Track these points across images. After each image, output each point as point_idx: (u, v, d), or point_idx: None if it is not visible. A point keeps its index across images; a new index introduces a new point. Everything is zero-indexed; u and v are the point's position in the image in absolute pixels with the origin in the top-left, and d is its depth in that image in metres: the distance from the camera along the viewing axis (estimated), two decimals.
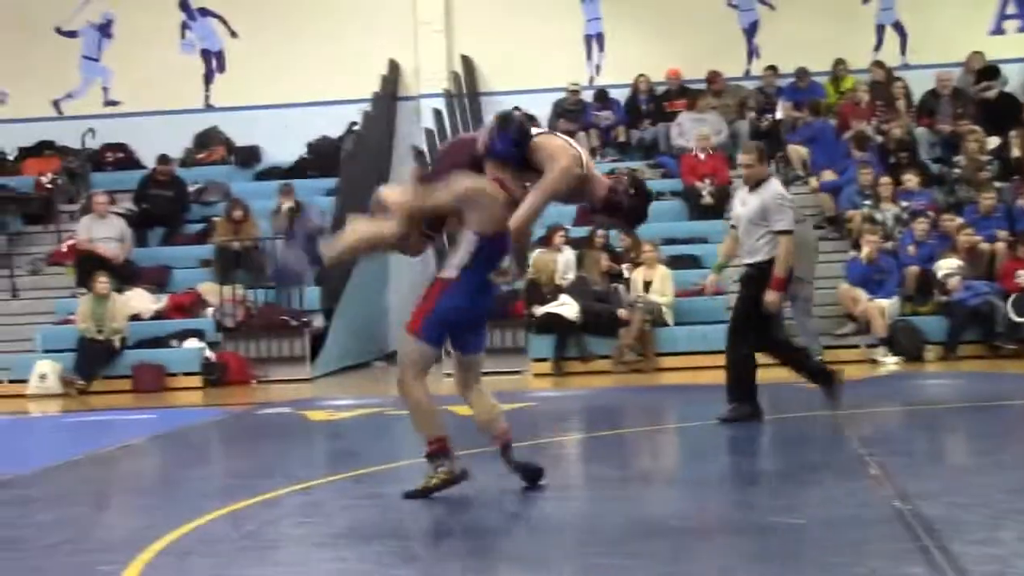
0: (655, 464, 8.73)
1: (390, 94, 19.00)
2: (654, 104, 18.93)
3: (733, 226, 9.83)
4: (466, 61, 19.30)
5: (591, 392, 13.17)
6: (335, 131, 19.08)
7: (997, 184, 16.17)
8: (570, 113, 18.93)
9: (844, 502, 6.32)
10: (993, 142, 16.95)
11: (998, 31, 18.67)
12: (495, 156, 6.81)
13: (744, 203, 9.57)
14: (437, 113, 17.97)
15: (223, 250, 16.54)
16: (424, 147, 17.39)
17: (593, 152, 18.84)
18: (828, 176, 17.01)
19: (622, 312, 14.84)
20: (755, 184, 9.54)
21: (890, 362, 14.21)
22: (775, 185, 9.66)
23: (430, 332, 6.68)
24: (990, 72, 17.97)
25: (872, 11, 18.93)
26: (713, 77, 18.59)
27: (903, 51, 18.82)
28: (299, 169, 18.91)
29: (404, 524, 6.10)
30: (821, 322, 15.00)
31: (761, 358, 9.51)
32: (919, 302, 14.92)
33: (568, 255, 15.75)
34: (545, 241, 15.99)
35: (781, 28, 18.90)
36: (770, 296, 9.23)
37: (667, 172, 18.14)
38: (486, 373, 15.19)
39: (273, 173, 18.88)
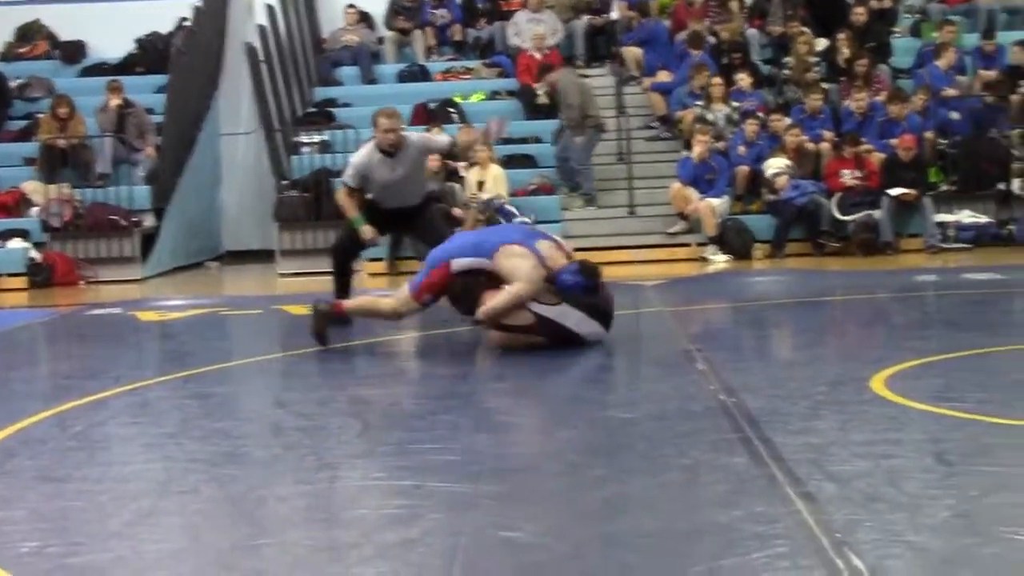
0: (488, 361, 8.79)
1: None
2: (491, 3, 18.83)
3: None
4: None
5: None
6: (165, 27, 18.58)
7: (825, 85, 16.48)
8: (407, 11, 18.74)
9: (672, 396, 6.47)
10: (822, 44, 17.25)
11: None
12: (559, 285, 7.82)
13: (393, 170, 9.32)
14: (270, 9, 17.60)
15: (48, 148, 16.05)
16: (257, 44, 17.05)
17: (429, 51, 18.72)
18: (662, 77, 17.16)
19: (456, 211, 14.85)
20: (398, 150, 9.32)
21: (720, 260, 14.49)
22: (415, 138, 9.70)
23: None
24: None
25: None
26: None
27: None
28: (127, 66, 18.40)
29: (234, 424, 6.07)
30: (653, 221, 15.23)
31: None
32: (748, 201, 15.22)
33: None
34: None
35: None
36: None
37: (503, 71, 18.12)
38: (319, 273, 15.13)
39: (100, 69, 18.35)
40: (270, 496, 4.68)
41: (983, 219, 15.01)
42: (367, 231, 9.40)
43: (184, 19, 18.31)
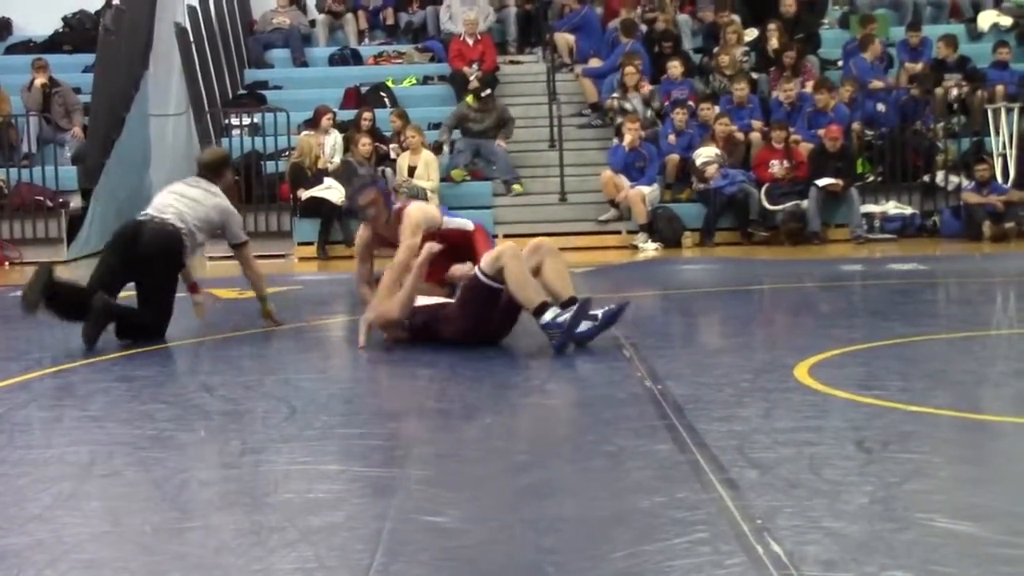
0: (416, 346, 8.79)
1: None
2: None
3: None
4: None
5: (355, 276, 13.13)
6: (93, 5, 18.38)
7: (754, 75, 16.60)
8: None
9: (597, 383, 6.52)
10: (751, 33, 17.38)
11: None
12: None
13: None
14: None
15: None
16: (187, 24, 16.91)
17: (361, 34, 18.65)
18: (594, 64, 17.21)
19: None
20: None
21: (650, 248, 14.58)
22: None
23: None
24: None
25: None
26: None
27: None
28: (54, 44, 18.22)
29: (159, 407, 6.04)
30: (584, 208, 15.27)
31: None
32: (678, 189, 15.32)
33: (335, 138, 15.62)
34: (311, 123, 15.82)
35: None
36: None
37: (435, 56, 18.10)
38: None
39: (25, 47, 18.15)
40: (194, 480, 4.67)
41: (908, 210, 15.21)
42: None
43: None
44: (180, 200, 8.39)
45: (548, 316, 7.09)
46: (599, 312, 7.23)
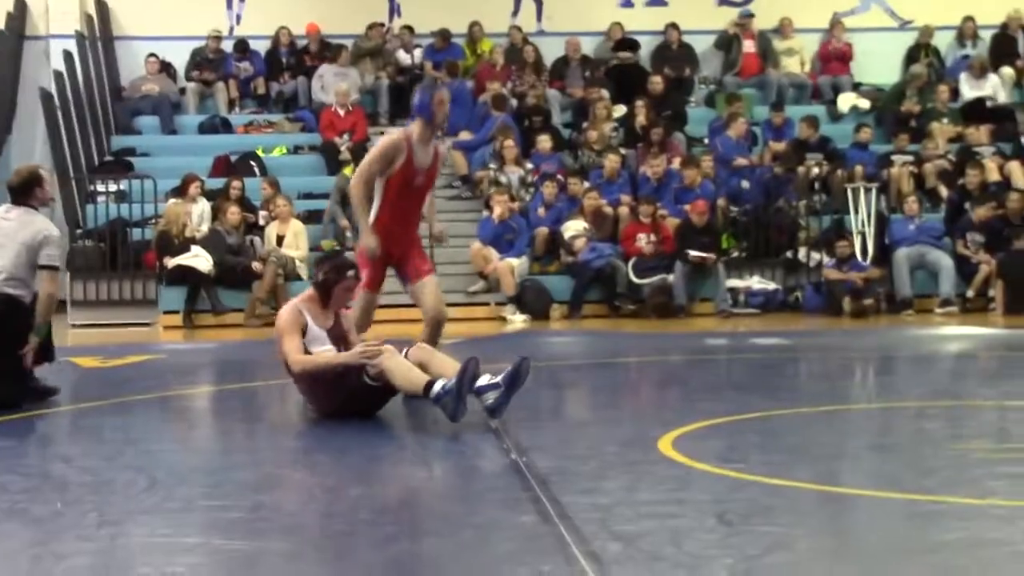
0: (283, 417, 8.72)
1: (17, 32, 18.12)
2: (294, 57, 18.80)
3: None
4: (100, 3, 18.63)
5: (222, 345, 13.02)
6: None
7: (623, 150, 16.86)
8: (209, 62, 18.58)
9: (464, 455, 6.52)
10: (620, 110, 17.66)
11: (628, 4, 19.41)
12: None
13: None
14: (68, 55, 17.26)
15: None
16: (53, 90, 16.68)
17: (232, 103, 18.57)
18: (465, 136, 17.34)
19: (255, 265, 14.72)
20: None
21: (518, 320, 14.64)
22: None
23: None
24: (628, 44, 18.72)
25: None
26: (367, 31, 18.64)
27: (539, 18, 19.34)
28: None
29: (14, 479, 5.88)
30: (453, 280, 15.32)
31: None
32: (547, 262, 15.44)
33: (203, 206, 15.49)
34: (179, 191, 15.68)
35: None
36: None
37: (306, 126, 18.09)
38: (113, 325, 14.80)
39: None
40: (48, 554, 4.55)
41: (771, 285, 15.50)
42: None
43: None
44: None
45: (436, 387, 7.02)
46: (498, 379, 7.12)
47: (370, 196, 8.14)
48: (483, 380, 7.08)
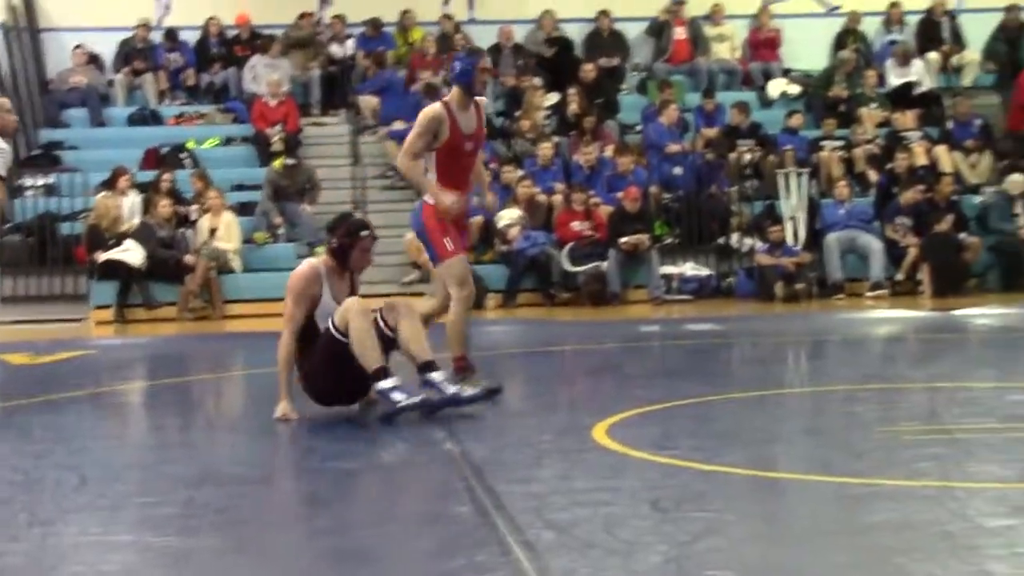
0: (219, 412, 8.68)
1: None
2: (225, 48, 18.66)
3: None
4: None
5: (155, 340, 12.93)
6: None
7: (555, 138, 16.88)
8: (138, 53, 18.40)
9: (398, 446, 6.52)
10: (552, 98, 17.68)
11: None
12: None
13: None
14: None
15: None
16: None
17: (162, 95, 18.39)
18: (398, 126, 17.28)
19: (188, 258, 14.62)
20: None
21: None
22: None
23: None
24: (562, 43, 18.73)
25: None
26: (298, 21, 18.53)
27: (471, 5, 19.31)
28: None
29: None
30: (388, 270, 15.29)
31: None
32: (481, 251, 15.43)
33: (133, 199, 15.35)
34: (109, 184, 15.53)
35: None
36: None
37: (237, 117, 17.96)
38: (43, 321, 14.62)
39: None
40: None
41: (704, 272, 15.59)
42: None
43: None
44: None
45: (385, 385, 6.96)
46: (449, 393, 7.09)
47: (420, 169, 7.90)
48: (440, 378, 7.12)
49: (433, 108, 7.92)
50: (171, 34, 18.55)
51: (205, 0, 18.73)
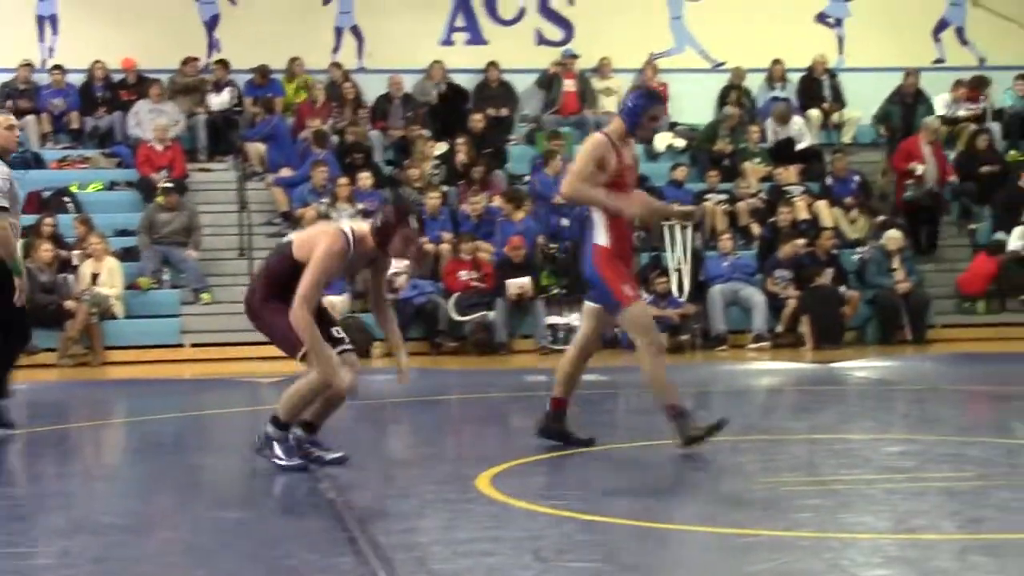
0: (97, 460, 8.54)
1: None
2: (110, 92, 18.45)
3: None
4: None
5: (34, 386, 12.66)
6: None
7: (444, 188, 16.93)
8: (20, 95, 18.13)
9: (280, 495, 6.47)
10: (441, 147, 17.75)
11: (448, 42, 19.53)
12: None
13: None
14: None
15: None
16: None
17: (44, 138, 18.14)
18: (285, 173, 17.23)
19: (69, 304, 14.39)
20: None
21: None
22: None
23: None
24: (458, 93, 18.81)
25: (332, 13, 19.32)
26: (182, 66, 18.39)
27: (359, 55, 19.35)
28: None
29: None
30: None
31: None
32: (367, 299, 15.37)
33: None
34: None
35: (242, 23, 18.93)
36: None
37: (122, 162, 17.77)
38: None
39: None
40: None
41: None
42: None
43: None
44: None
45: (273, 431, 6.90)
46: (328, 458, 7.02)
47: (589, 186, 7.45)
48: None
49: (595, 137, 7.61)
50: (56, 75, 18.27)
51: (91, 43, 18.52)
